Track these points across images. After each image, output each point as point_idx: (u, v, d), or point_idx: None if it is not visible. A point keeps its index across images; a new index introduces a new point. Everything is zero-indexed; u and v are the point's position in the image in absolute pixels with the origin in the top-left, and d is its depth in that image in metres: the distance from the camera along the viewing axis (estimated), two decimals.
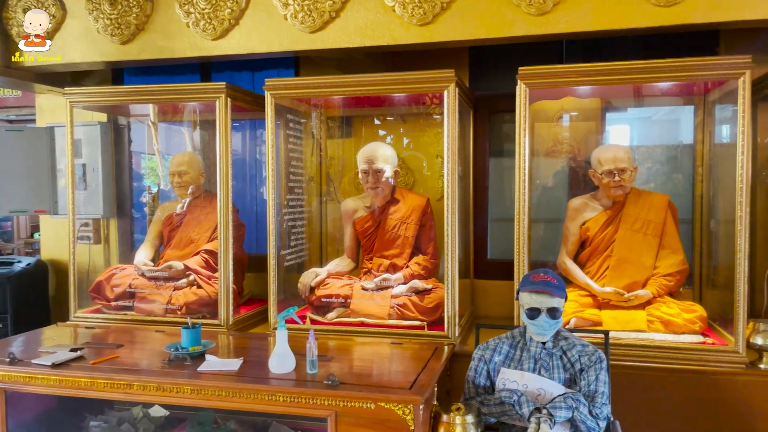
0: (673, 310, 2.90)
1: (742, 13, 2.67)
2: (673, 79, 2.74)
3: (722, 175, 3.05)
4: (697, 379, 2.68)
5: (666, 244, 3.09)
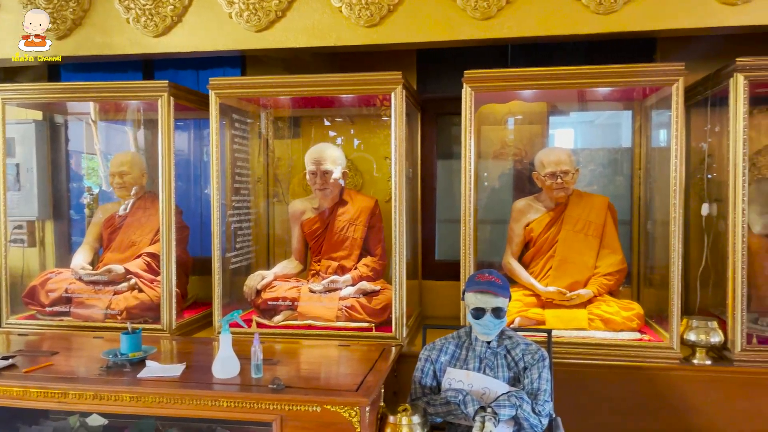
0: (613, 308, 3.00)
1: (675, 22, 2.79)
2: (611, 85, 2.83)
3: (658, 177, 3.16)
4: (635, 375, 2.77)
5: (606, 245, 3.19)
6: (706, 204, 3.07)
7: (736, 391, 2.70)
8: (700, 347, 2.77)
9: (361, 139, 3.79)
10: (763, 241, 2.98)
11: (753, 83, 2.71)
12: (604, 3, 2.76)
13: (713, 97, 3.00)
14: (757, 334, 2.83)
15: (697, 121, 3.32)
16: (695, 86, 3.16)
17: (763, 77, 2.69)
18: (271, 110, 3.73)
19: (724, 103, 2.77)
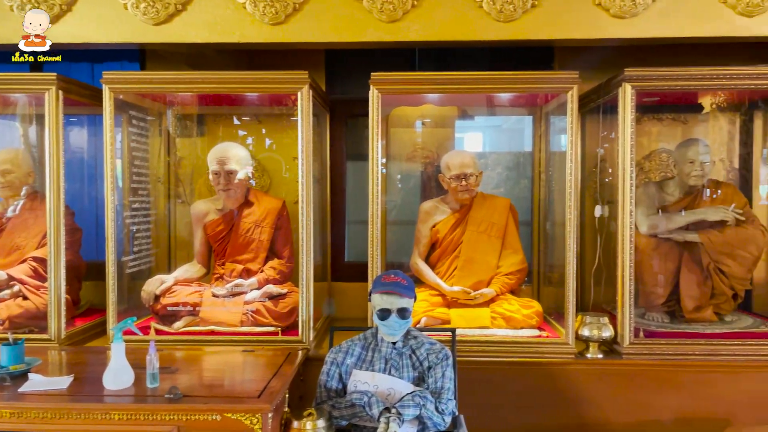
0: (514, 306, 3.10)
1: (570, 33, 2.92)
2: (511, 90, 2.93)
3: (557, 180, 3.31)
4: (534, 370, 2.88)
5: (508, 245, 3.30)
6: (599, 206, 3.25)
7: (624, 383, 2.86)
8: (593, 342, 2.92)
9: (273, 140, 3.71)
10: (651, 240, 3.18)
11: (640, 92, 2.88)
12: (505, 11, 2.86)
13: (605, 105, 3.17)
14: (644, 328, 3.02)
15: (591, 127, 3.50)
16: (589, 94, 3.33)
17: (649, 87, 2.87)
18: (173, 107, 3.58)
19: (615, 110, 2.93)
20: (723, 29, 2.83)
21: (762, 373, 2.83)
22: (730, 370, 2.84)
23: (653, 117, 3.63)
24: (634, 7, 2.83)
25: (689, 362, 2.86)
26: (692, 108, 3.58)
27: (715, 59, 2.97)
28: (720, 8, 2.81)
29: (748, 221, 3.12)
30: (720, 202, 3.16)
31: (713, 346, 2.90)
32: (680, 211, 3.18)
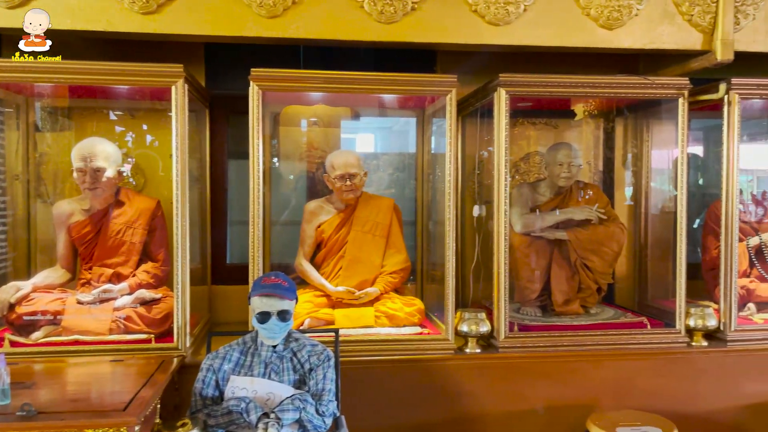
0: (397, 304, 3.14)
1: (449, 37, 3.00)
2: (393, 92, 2.97)
3: (438, 181, 3.39)
4: (416, 367, 2.93)
5: (392, 244, 3.34)
6: (477, 206, 3.37)
7: (501, 375, 2.98)
8: (471, 337, 3.02)
9: (145, 136, 3.50)
10: (524, 239, 3.34)
11: (514, 97, 3.02)
12: (385, 12, 2.88)
13: (483, 109, 3.29)
14: (519, 322, 3.17)
15: (471, 130, 3.62)
16: (468, 98, 3.44)
17: (522, 92, 3.02)
18: (35, 98, 3.27)
19: (492, 114, 3.04)
20: (587, 40, 3.03)
21: (622, 361, 3.05)
22: (595, 359, 3.05)
23: (528, 121, 3.82)
24: (507, 16, 2.95)
25: (558, 353, 3.03)
26: (564, 114, 3.81)
27: (586, 68, 3.18)
28: (584, 20, 3.00)
29: (610, 220, 3.37)
30: (586, 202, 3.39)
31: (579, 337, 3.10)
32: (551, 210, 3.37)
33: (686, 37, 3.06)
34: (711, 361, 3.10)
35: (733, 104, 3.07)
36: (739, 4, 3.04)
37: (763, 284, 3.44)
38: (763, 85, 3.09)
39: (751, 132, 4.24)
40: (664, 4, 3.03)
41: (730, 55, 3.01)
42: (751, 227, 3.61)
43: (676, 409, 3.03)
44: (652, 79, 3.05)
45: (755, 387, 3.12)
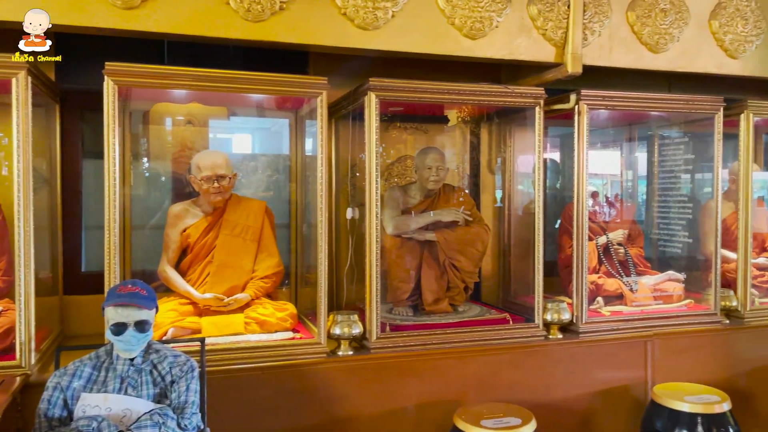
0: (268, 310, 3.07)
1: (318, 39, 2.99)
2: (262, 92, 2.91)
3: (312, 183, 3.37)
4: (288, 373, 2.88)
5: (263, 248, 3.26)
6: (350, 208, 3.39)
7: (373, 376, 3.01)
8: (344, 339, 3.02)
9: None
10: (396, 240, 3.40)
11: (384, 101, 3.07)
12: (252, 11, 2.81)
13: (354, 112, 3.32)
14: (390, 322, 3.22)
15: (344, 133, 3.64)
16: (341, 101, 3.45)
17: (391, 97, 3.07)
18: None
19: (364, 117, 3.07)
20: (452, 48, 3.15)
21: (486, 356, 3.20)
22: (462, 355, 3.17)
23: (400, 126, 3.90)
24: (376, 21, 2.99)
25: (428, 351, 3.12)
26: (435, 119, 3.93)
27: (456, 76, 3.30)
28: (448, 29, 3.12)
29: (476, 221, 3.52)
30: (453, 204, 3.51)
31: (448, 334, 3.20)
32: (421, 213, 3.46)
33: (541, 49, 3.27)
34: (565, 352, 3.34)
35: (582, 114, 3.33)
36: (587, 21, 3.31)
37: (610, 279, 3.76)
38: (608, 97, 3.38)
39: (604, 140, 4.65)
40: (521, 18, 3.22)
41: (579, 68, 3.25)
42: (600, 227, 3.94)
43: (535, 398, 3.22)
44: (512, 88, 3.23)
45: (604, 374, 3.40)
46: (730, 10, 3.58)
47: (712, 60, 3.62)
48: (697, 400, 3.08)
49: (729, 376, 3.61)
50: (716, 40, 3.59)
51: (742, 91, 4.20)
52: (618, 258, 3.86)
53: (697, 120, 3.77)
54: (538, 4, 3.23)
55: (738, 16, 3.59)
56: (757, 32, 3.66)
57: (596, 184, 4.45)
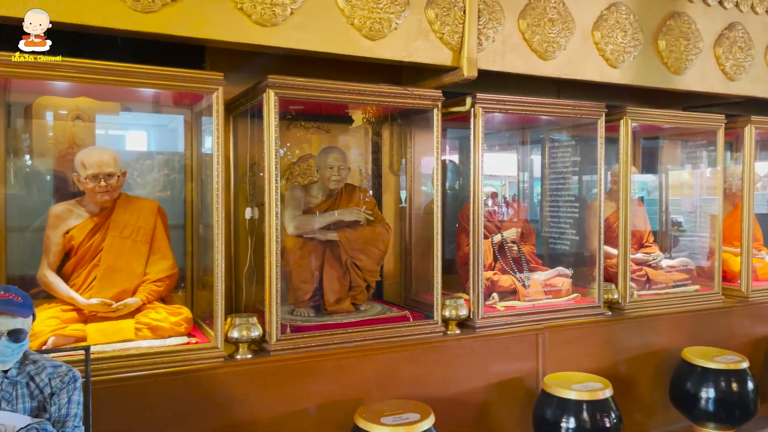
0: (161, 314, 2.94)
1: (214, 34, 2.88)
2: (153, 86, 2.77)
3: (208, 182, 3.26)
4: (183, 380, 2.77)
5: (156, 250, 3.11)
6: (249, 208, 3.31)
7: (273, 379, 2.96)
8: (243, 342, 2.94)
9: None
10: (297, 240, 3.37)
11: (284, 99, 3.02)
12: (142, 1, 2.67)
13: (253, 109, 3.24)
14: (292, 324, 3.18)
15: (243, 131, 3.55)
16: (239, 98, 3.37)
17: (290, 95, 3.03)
18: None
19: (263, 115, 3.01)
20: (352, 48, 3.15)
21: (387, 354, 3.23)
22: (362, 354, 3.18)
23: (302, 125, 3.86)
24: (273, 17, 2.94)
25: (330, 351, 3.10)
26: (339, 119, 3.93)
27: (358, 76, 3.29)
28: (348, 29, 3.12)
29: (377, 221, 3.55)
30: (354, 204, 3.53)
31: (349, 334, 3.20)
32: (322, 212, 3.45)
33: (438, 53, 3.35)
34: (463, 346, 3.44)
35: (477, 116, 3.45)
36: (482, 27, 3.42)
37: (504, 276, 3.92)
38: (501, 101, 3.53)
39: (501, 142, 4.85)
40: (419, 22, 3.29)
41: (474, 72, 3.36)
42: (495, 226, 4.10)
43: (435, 393, 3.30)
44: (411, 90, 3.29)
45: (499, 367, 3.53)
46: (611, 22, 3.83)
47: (596, 68, 3.86)
48: (583, 388, 3.27)
49: (612, 363, 3.88)
50: (599, 50, 3.83)
51: (624, 98, 4.53)
52: (512, 255, 4.03)
53: (583, 124, 4.02)
54: (435, 8, 3.30)
55: (618, 28, 3.86)
56: (635, 44, 3.94)
57: (492, 185, 4.64)
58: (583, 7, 3.77)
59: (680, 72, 4.15)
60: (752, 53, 4.45)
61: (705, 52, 4.24)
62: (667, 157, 5.26)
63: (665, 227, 5.23)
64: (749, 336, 4.48)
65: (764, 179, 5.94)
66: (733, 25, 4.34)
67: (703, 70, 4.25)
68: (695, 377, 3.79)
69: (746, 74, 4.44)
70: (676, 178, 5.33)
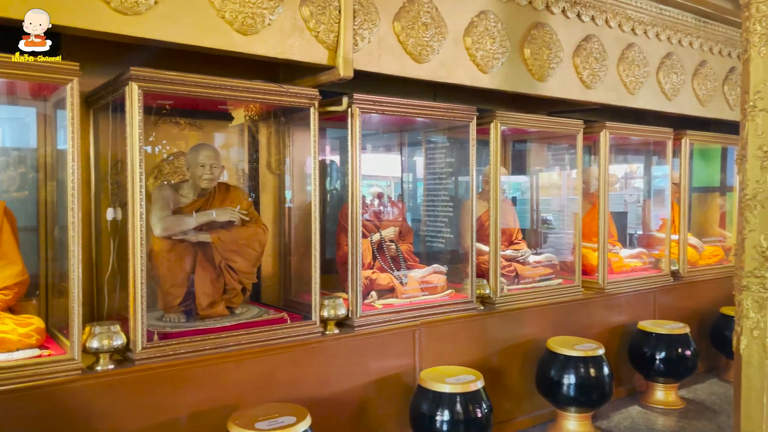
0: (8, 326, 2.66)
1: (65, 20, 2.67)
2: (4, 76, 2.52)
3: (66, 181, 3.01)
4: (34, 396, 2.53)
5: (2, 255, 2.83)
6: (111, 209, 3.10)
7: (139, 389, 2.78)
8: (104, 352, 2.75)
9: None
10: (165, 242, 3.20)
11: (150, 93, 2.86)
12: None
13: (115, 103, 3.04)
14: (159, 330, 3.02)
15: (105, 126, 3.32)
16: (100, 90, 3.14)
17: (156, 89, 2.87)
18: None
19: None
20: (223, 43, 3.04)
21: (264, 357, 3.16)
22: (238, 358, 3.08)
23: (174, 121, 3.68)
24: (136, 6, 2.76)
25: (202, 357, 2.98)
26: (214, 116, 3.78)
27: (233, 72, 3.17)
28: (219, 23, 3.00)
29: (253, 221, 3.46)
30: (229, 204, 3.41)
31: (223, 338, 3.09)
32: (194, 212, 3.30)
33: (314, 51, 3.32)
34: (342, 346, 3.44)
35: (354, 116, 3.46)
36: (357, 28, 3.44)
37: (383, 274, 3.97)
38: (378, 101, 3.57)
39: (381, 143, 4.91)
40: (294, 19, 3.24)
41: (350, 72, 3.37)
42: (374, 225, 4.14)
43: (314, 394, 3.27)
44: (286, 88, 3.23)
45: (377, 364, 3.57)
46: (481, 29, 4.01)
47: (467, 73, 4.02)
48: (456, 381, 3.39)
49: (484, 356, 4.05)
50: (470, 56, 3.99)
51: (496, 103, 4.75)
52: (390, 254, 4.09)
53: (457, 127, 4.17)
54: (310, 6, 3.27)
55: (487, 35, 4.04)
56: (502, 50, 4.15)
57: (378, 185, 4.70)
58: (455, 14, 3.91)
59: (543, 79, 4.42)
60: (606, 63, 4.84)
61: (565, 62, 4.55)
62: (535, 160, 5.60)
63: (536, 225, 5.56)
64: (606, 324, 4.88)
65: (621, 180, 6.52)
66: (590, 37, 4.70)
67: (563, 78, 4.56)
68: (558, 365, 4.06)
69: (601, 83, 4.83)
70: (545, 179, 5.70)
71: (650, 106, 5.26)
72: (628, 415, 4.67)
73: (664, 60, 5.30)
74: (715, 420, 4.58)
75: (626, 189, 6.62)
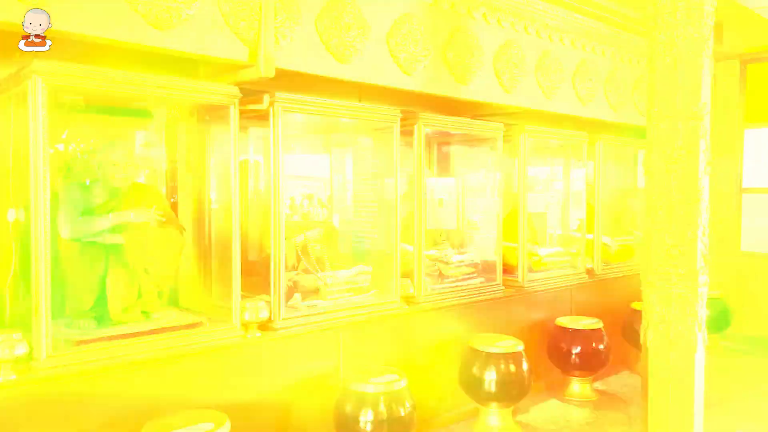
0: None
1: None
2: None
3: None
4: None
5: None
6: (12, 209, 2.91)
7: (42, 402, 2.64)
8: (2, 362, 2.57)
9: None
10: (74, 245, 3.04)
11: (56, 87, 2.70)
12: None
13: (18, 97, 2.85)
14: (68, 337, 2.85)
15: (7, 120, 3.10)
16: (2, 83, 2.94)
17: (63, 83, 2.72)
18: None
19: None
20: (136, 37, 2.89)
21: (183, 363, 3.07)
22: (155, 365, 2.97)
23: (83, 117, 3.48)
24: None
25: (114, 365, 2.85)
26: (132, 112, 3.60)
27: (151, 67, 3.03)
28: (132, 14, 2.86)
29: (169, 222, 3.34)
30: (144, 204, 3.27)
31: (138, 345, 2.96)
32: (105, 213, 3.14)
33: (234, 48, 3.23)
34: (263, 349, 3.38)
35: (276, 115, 3.41)
36: (279, 26, 3.38)
37: (307, 276, 3.93)
38: (300, 101, 3.52)
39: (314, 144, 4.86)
40: (213, 14, 3.14)
41: (271, 70, 3.31)
42: (299, 226, 4.09)
43: (234, 400, 3.19)
44: (204, 84, 3.14)
45: (301, 367, 3.54)
46: (404, 31, 4.03)
47: (391, 74, 4.03)
48: (380, 380, 3.40)
49: (409, 355, 4.09)
50: (393, 57, 4.01)
51: (422, 106, 4.78)
52: (315, 255, 4.05)
53: (383, 128, 4.18)
54: (229, 2, 3.19)
55: (410, 37, 4.07)
56: (425, 53, 4.19)
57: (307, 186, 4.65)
58: (378, 15, 3.91)
59: (466, 82, 4.51)
60: (525, 68, 4.99)
61: (486, 66, 4.66)
62: (461, 161, 5.70)
63: (462, 225, 5.66)
64: (526, 320, 5.04)
65: (543, 182, 6.74)
66: (510, 42, 4.83)
67: (485, 81, 4.67)
68: (479, 362, 4.15)
69: (520, 87, 4.97)
70: (471, 181, 5.81)
71: (566, 110, 5.47)
72: (546, 408, 4.84)
73: (579, 66, 5.53)
74: (626, 410, 4.83)
75: (549, 191, 6.86)
